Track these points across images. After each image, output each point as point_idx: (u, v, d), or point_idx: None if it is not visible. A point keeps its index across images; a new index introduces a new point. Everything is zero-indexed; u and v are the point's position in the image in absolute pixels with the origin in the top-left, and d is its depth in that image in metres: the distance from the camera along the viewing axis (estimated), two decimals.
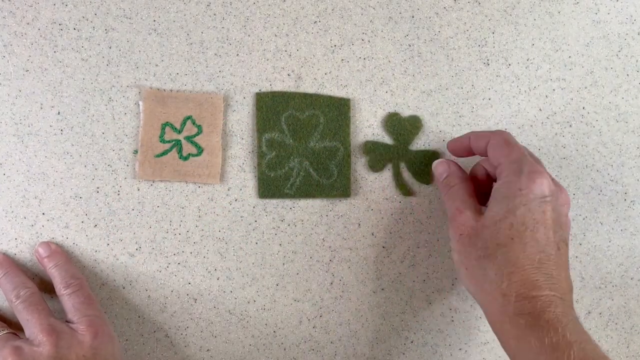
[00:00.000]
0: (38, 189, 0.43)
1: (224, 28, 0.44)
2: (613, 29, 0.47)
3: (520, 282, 0.36)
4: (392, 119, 0.45)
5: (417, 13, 0.45)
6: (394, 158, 0.45)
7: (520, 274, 0.37)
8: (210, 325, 0.45)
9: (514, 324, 0.36)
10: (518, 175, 0.38)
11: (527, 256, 0.37)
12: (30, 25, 0.42)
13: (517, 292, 0.36)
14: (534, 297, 0.36)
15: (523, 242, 0.37)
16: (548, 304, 0.36)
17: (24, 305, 0.39)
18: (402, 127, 0.45)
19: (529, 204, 0.37)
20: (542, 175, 0.38)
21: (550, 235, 0.37)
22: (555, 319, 0.35)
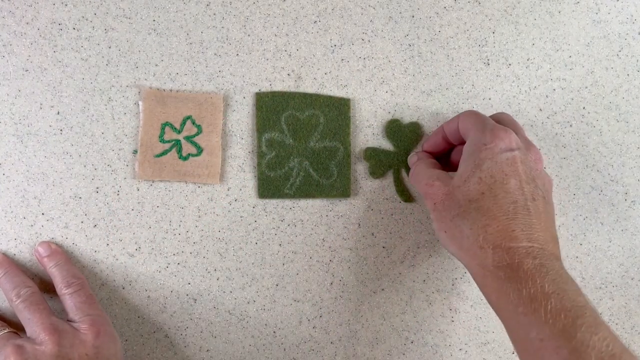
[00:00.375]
0: (37, 189, 0.43)
1: (224, 28, 0.44)
2: (613, 29, 0.47)
3: (495, 233, 0.36)
4: (393, 125, 0.45)
5: (417, 13, 0.45)
6: (394, 164, 0.45)
7: (495, 225, 0.36)
8: (210, 326, 0.45)
9: (494, 278, 0.36)
10: (482, 131, 0.38)
11: (500, 207, 0.36)
12: (29, 25, 0.42)
13: (494, 243, 0.36)
14: (510, 248, 0.36)
15: (494, 194, 0.37)
16: (526, 255, 0.35)
17: (24, 305, 0.39)
18: (403, 134, 0.45)
19: (495, 157, 0.37)
20: (506, 131, 0.38)
21: (523, 186, 0.37)
22: (533, 269, 0.35)
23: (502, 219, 0.36)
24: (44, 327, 0.38)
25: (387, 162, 0.45)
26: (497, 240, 0.36)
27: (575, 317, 0.32)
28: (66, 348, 0.37)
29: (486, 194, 0.37)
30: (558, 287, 0.34)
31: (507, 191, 0.37)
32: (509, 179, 0.37)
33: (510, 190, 0.37)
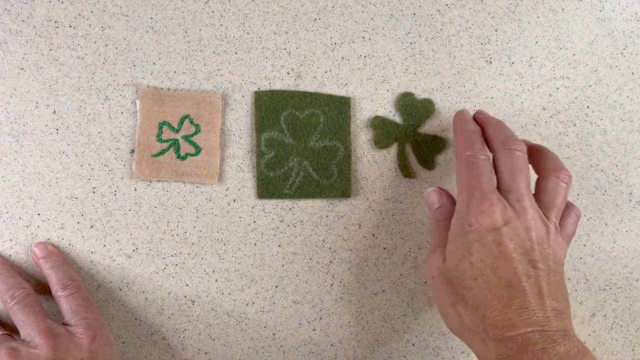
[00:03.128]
0: (33, 189, 0.42)
1: (223, 26, 0.43)
2: (618, 27, 0.46)
3: (493, 324, 0.34)
4: (406, 98, 0.44)
5: (419, 10, 0.45)
6: (400, 137, 0.44)
7: (492, 314, 0.34)
8: (209, 328, 0.44)
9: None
10: (467, 205, 0.36)
11: (495, 294, 0.35)
12: (25, 23, 0.42)
13: (494, 335, 0.34)
14: (510, 338, 0.33)
15: (487, 281, 0.35)
16: (524, 344, 0.33)
17: (19, 307, 0.39)
18: (414, 109, 0.44)
19: (482, 239, 0.35)
20: (492, 205, 0.36)
21: (515, 267, 0.35)
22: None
23: (497, 307, 0.34)
24: (39, 330, 0.37)
25: (393, 134, 0.44)
26: (496, 332, 0.34)
27: None
28: (61, 352, 0.37)
29: (479, 280, 0.35)
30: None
31: (499, 276, 0.35)
32: (499, 261, 0.35)
33: (501, 274, 0.35)
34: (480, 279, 0.35)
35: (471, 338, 0.36)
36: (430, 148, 0.45)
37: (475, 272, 0.35)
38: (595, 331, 0.47)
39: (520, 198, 0.37)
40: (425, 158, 0.45)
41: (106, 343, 0.39)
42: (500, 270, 0.35)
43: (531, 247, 0.36)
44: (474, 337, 0.35)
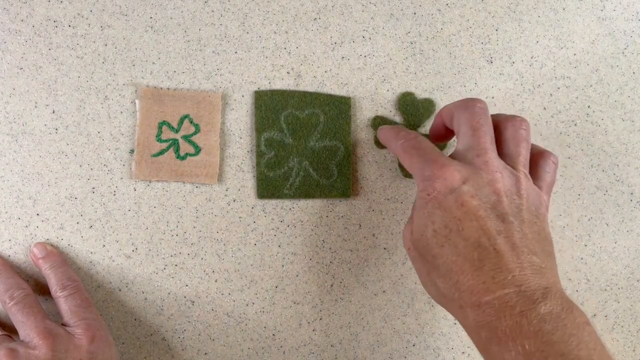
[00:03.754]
0: (32, 189, 0.42)
1: (222, 25, 0.43)
2: (619, 26, 0.46)
3: (468, 290, 0.32)
4: (406, 98, 0.44)
5: (419, 10, 0.44)
6: None
7: (465, 280, 0.32)
8: (208, 328, 0.44)
9: (478, 338, 0.32)
10: (422, 175, 0.35)
11: (465, 258, 0.32)
12: (24, 22, 0.42)
13: (469, 301, 0.32)
14: (486, 303, 0.32)
15: (454, 245, 0.33)
16: (502, 308, 0.31)
17: (18, 307, 0.39)
18: (415, 108, 0.44)
19: (442, 204, 0.33)
20: (441, 166, 0.34)
21: (482, 225, 0.33)
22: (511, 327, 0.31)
23: (469, 271, 0.32)
24: (38, 331, 0.37)
25: None
26: (472, 298, 0.32)
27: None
28: (60, 353, 0.37)
29: (445, 247, 0.33)
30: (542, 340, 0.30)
31: (466, 237, 0.33)
32: (464, 222, 0.33)
33: (468, 234, 0.33)
34: (446, 245, 0.33)
35: (450, 306, 0.34)
36: None
37: (440, 239, 0.33)
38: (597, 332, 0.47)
39: (481, 153, 0.35)
40: None
41: (105, 344, 0.39)
42: (467, 230, 0.33)
43: (497, 200, 0.33)
44: (451, 304, 0.34)
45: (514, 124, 0.37)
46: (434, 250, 0.34)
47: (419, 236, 0.35)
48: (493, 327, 0.31)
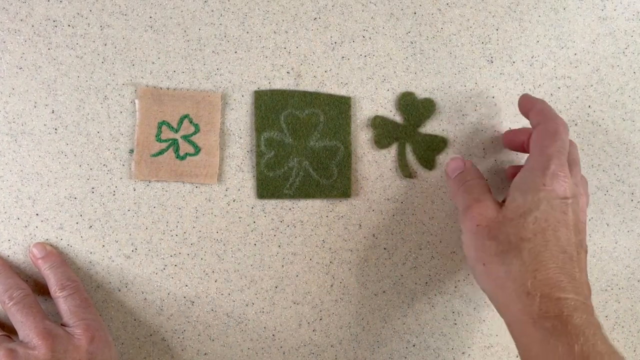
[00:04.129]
0: (32, 189, 0.42)
1: (222, 25, 0.43)
2: (619, 26, 0.46)
3: (545, 281, 0.35)
4: (406, 98, 0.44)
5: (419, 9, 0.44)
6: (401, 137, 0.44)
7: (545, 272, 0.35)
8: (208, 329, 0.44)
9: (538, 327, 0.35)
10: (543, 170, 0.37)
11: (552, 255, 0.36)
12: (24, 22, 0.42)
13: (542, 292, 0.35)
14: (559, 299, 0.34)
15: (546, 239, 0.36)
16: (574, 308, 0.34)
17: (17, 308, 0.39)
18: (415, 108, 0.44)
19: (551, 201, 0.36)
20: (566, 177, 0.37)
21: (571, 237, 0.36)
22: (584, 325, 0.34)
23: (552, 267, 0.35)
24: (37, 331, 0.37)
25: (394, 134, 0.44)
26: (545, 289, 0.35)
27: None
28: (59, 353, 0.37)
29: (538, 237, 0.36)
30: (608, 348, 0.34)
31: (558, 238, 0.36)
32: (560, 227, 0.36)
33: (561, 238, 0.36)
34: (540, 235, 0.36)
35: (513, 290, 0.36)
36: (431, 148, 0.44)
37: (537, 227, 0.36)
38: None
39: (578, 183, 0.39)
40: (426, 158, 0.44)
41: (105, 344, 0.39)
42: (561, 234, 0.36)
43: (582, 228, 0.38)
44: (517, 289, 0.36)
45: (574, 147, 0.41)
46: (527, 234, 0.36)
47: (515, 215, 0.37)
48: (563, 321, 0.34)
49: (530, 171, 0.38)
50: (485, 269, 0.38)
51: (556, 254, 0.36)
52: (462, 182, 0.41)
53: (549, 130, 0.38)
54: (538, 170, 0.37)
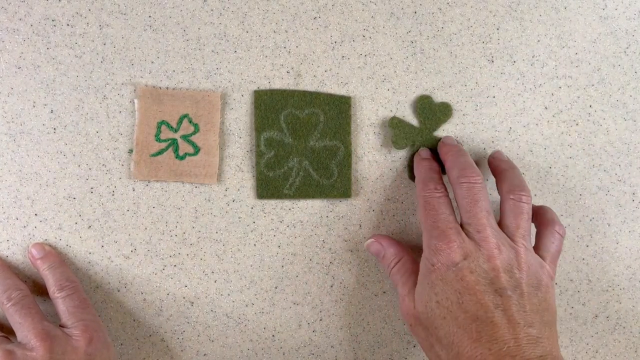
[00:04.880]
0: (30, 189, 0.42)
1: (222, 24, 0.43)
2: (621, 25, 0.46)
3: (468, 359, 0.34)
4: (424, 101, 0.44)
5: (420, 9, 0.44)
6: (416, 140, 0.44)
7: (465, 352, 0.34)
8: (207, 329, 0.44)
9: None
10: (428, 247, 0.37)
11: (464, 330, 0.35)
12: (22, 21, 0.41)
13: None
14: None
15: (454, 317, 0.35)
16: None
17: (15, 308, 0.39)
18: (432, 112, 0.44)
19: (444, 277, 0.36)
20: (448, 241, 0.36)
21: (479, 298, 0.35)
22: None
23: (467, 344, 0.34)
24: (36, 332, 0.37)
25: (410, 136, 0.44)
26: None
27: None
28: (58, 355, 0.36)
29: (447, 318, 0.35)
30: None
31: (465, 310, 0.35)
32: (464, 295, 0.35)
33: (468, 308, 0.35)
34: (448, 317, 0.35)
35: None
36: None
37: (442, 311, 0.36)
38: (598, 332, 0.46)
39: (480, 229, 0.37)
40: (439, 162, 0.44)
41: (103, 345, 0.39)
42: (466, 304, 0.35)
43: (495, 275, 0.36)
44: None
45: (514, 196, 0.39)
46: (437, 321, 0.36)
47: (422, 308, 0.37)
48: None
49: (423, 254, 0.38)
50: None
51: (469, 326, 0.35)
52: (388, 268, 0.41)
53: (418, 197, 0.39)
54: (425, 250, 0.38)
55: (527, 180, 0.45)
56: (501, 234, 0.38)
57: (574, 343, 0.47)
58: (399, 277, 0.40)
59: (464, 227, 0.38)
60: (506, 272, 0.36)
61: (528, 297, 0.36)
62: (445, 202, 0.39)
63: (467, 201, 0.38)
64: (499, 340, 0.34)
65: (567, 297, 0.46)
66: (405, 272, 0.40)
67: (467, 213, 0.38)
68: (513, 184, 0.39)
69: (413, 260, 0.41)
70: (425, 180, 0.40)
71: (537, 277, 0.37)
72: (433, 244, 0.37)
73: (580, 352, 0.47)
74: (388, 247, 0.42)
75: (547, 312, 0.36)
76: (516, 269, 0.36)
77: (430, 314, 0.36)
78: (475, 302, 0.35)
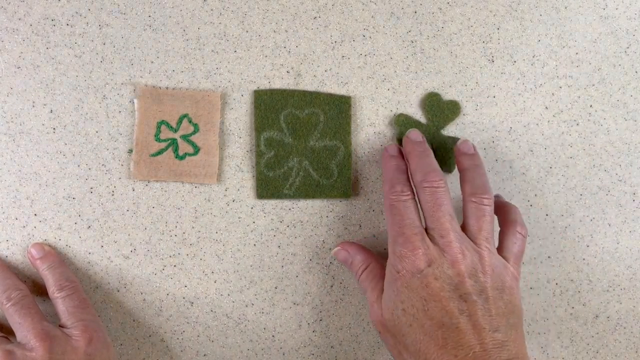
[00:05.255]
0: (30, 190, 0.42)
1: (222, 24, 0.43)
2: (621, 25, 0.46)
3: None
4: (432, 98, 0.43)
5: (420, 8, 0.44)
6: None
7: (432, 358, 0.34)
8: (207, 330, 0.44)
9: None
10: (393, 254, 0.37)
11: (430, 337, 0.35)
12: (22, 21, 0.41)
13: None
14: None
15: (421, 324, 0.35)
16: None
17: (15, 308, 0.39)
18: (440, 110, 0.44)
19: (409, 284, 0.36)
20: (412, 248, 0.36)
21: (444, 304, 0.35)
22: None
23: (434, 351, 0.34)
24: (35, 332, 0.37)
25: None
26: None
27: None
28: (57, 355, 0.36)
29: (414, 325, 0.35)
30: None
31: (431, 317, 0.35)
32: (428, 303, 0.35)
33: (433, 315, 0.35)
34: (414, 324, 0.35)
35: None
36: (452, 150, 0.44)
37: (409, 319, 0.36)
38: (599, 333, 0.46)
39: (444, 233, 0.37)
40: (446, 160, 0.44)
41: (103, 345, 0.39)
42: (432, 311, 0.35)
43: (460, 281, 0.36)
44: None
45: (475, 199, 0.39)
46: (404, 329, 0.36)
47: (389, 315, 0.37)
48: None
49: (388, 261, 0.38)
50: None
51: (434, 333, 0.35)
52: (357, 274, 0.41)
53: (384, 199, 0.39)
54: (390, 257, 0.37)
55: (528, 180, 0.45)
56: (464, 237, 0.37)
57: (575, 343, 0.46)
58: (367, 284, 0.40)
59: (428, 232, 0.38)
60: (471, 277, 0.36)
61: (493, 300, 0.36)
62: (412, 206, 0.38)
63: (430, 205, 0.38)
64: (465, 347, 0.34)
65: (567, 297, 0.46)
66: (373, 278, 0.40)
67: (431, 217, 0.38)
68: (475, 185, 0.39)
69: (381, 266, 0.40)
70: (392, 181, 0.40)
71: (501, 280, 0.37)
72: (398, 251, 0.37)
73: (581, 352, 0.47)
74: (355, 254, 0.41)
75: (513, 314, 0.36)
76: (480, 272, 0.36)
77: (396, 321, 0.36)
78: (440, 308, 0.35)
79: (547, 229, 0.46)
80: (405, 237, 0.37)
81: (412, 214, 0.38)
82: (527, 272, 0.46)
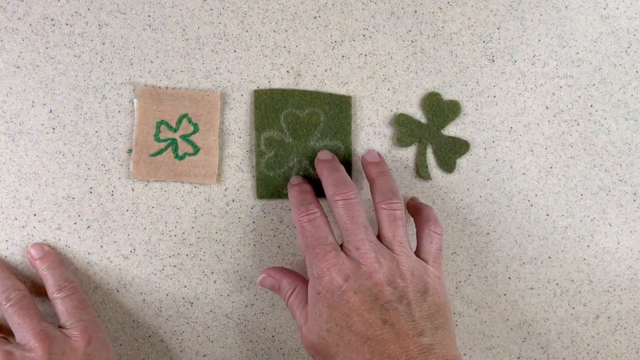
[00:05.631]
0: (29, 190, 0.42)
1: (221, 23, 0.43)
2: (622, 25, 0.45)
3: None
4: (432, 98, 0.43)
5: (420, 8, 0.44)
6: (423, 138, 0.44)
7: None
8: (207, 330, 0.44)
9: None
10: (312, 275, 0.37)
11: (359, 353, 0.34)
12: (21, 21, 0.41)
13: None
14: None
15: (346, 342, 0.35)
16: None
17: (14, 309, 0.38)
18: (440, 109, 0.43)
19: (330, 303, 0.35)
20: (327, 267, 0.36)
21: (366, 318, 0.34)
22: None
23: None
24: (34, 333, 0.37)
25: (417, 133, 0.44)
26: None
27: None
28: (57, 356, 0.36)
29: (340, 345, 0.35)
30: None
31: (356, 332, 0.34)
32: (351, 319, 0.35)
33: (357, 330, 0.34)
34: (341, 343, 0.35)
35: None
36: (452, 150, 0.44)
37: (334, 338, 0.35)
38: (599, 333, 0.46)
39: (359, 245, 0.36)
40: (446, 160, 0.44)
41: (102, 345, 0.38)
42: (355, 326, 0.35)
43: (380, 290, 0.35)
44: None
45: (385, 205, 0.38)
46: (332, 349, 0.35)
47: (316, 338, 0.36)
48: None
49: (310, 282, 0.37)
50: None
51: (361, 347, 0.34)
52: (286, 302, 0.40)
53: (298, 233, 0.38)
54: (311, 278, 0.37)
55: (528, 180, 0.45)
56: (380, 246, 0.37)
57: (575, 344, 0.46)
58: (295, 308, 0.39)
59: (344, 246, 0.37)
60: (390, 285, 0.35)
61: (416, 304, 0.35)
62: (322, 223, 0.38)
63: (344, 219, 0.37)
64: (391, 357, 0.33)
65: (568, 298, 0.46)
66: (300, 301, 0.39)
67: (346, 231, 0.37)
68: (384, 192, 0.39)
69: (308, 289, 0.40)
70: (297, 205, 0.39)
71: (423, 282, 0.36)
72: (315, 271, 0.36)
73: (582, 352, 0.46)
74: (281, 278, 0.40)
75: (439, 314, 0.36)
76: (399, 278, 0.36)
77: (324, 343, 0.36)
78: (363, 322, 0.34)
79: (547, 229, 0.45)
80: (319, 256, 0.36)
81: (322, 230, 0.38)
82: (527, 272, 0.45)
